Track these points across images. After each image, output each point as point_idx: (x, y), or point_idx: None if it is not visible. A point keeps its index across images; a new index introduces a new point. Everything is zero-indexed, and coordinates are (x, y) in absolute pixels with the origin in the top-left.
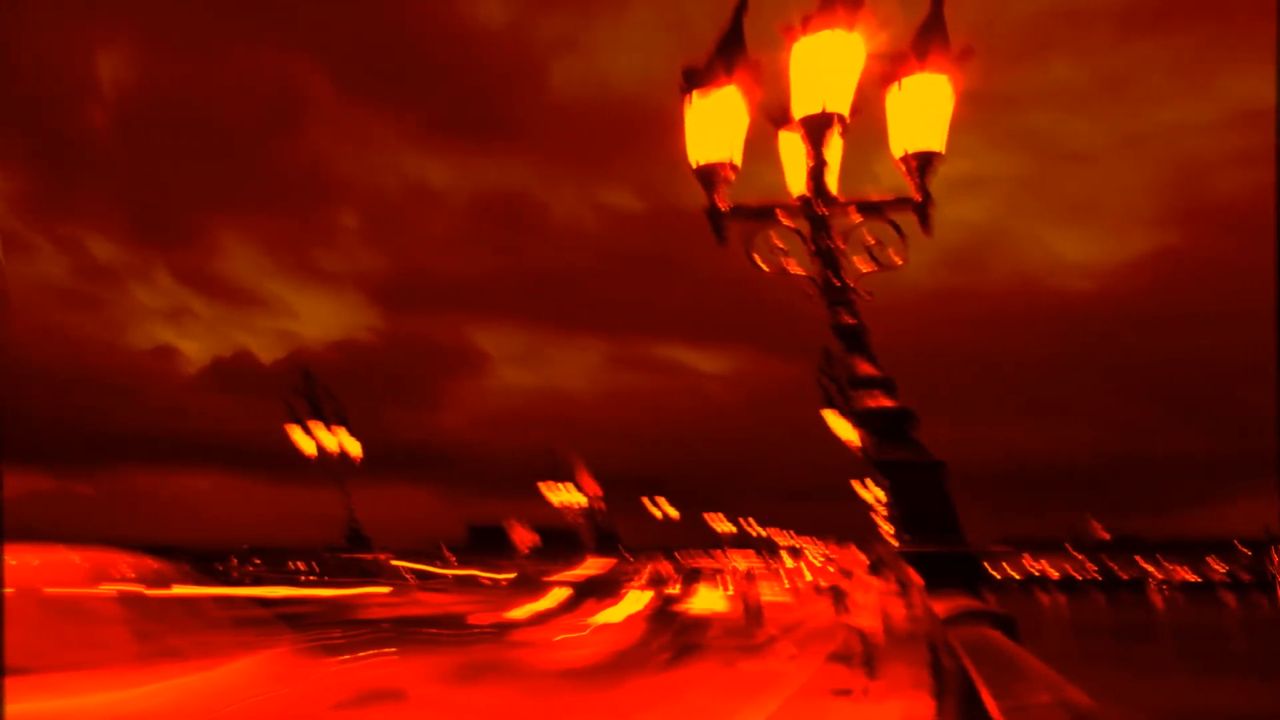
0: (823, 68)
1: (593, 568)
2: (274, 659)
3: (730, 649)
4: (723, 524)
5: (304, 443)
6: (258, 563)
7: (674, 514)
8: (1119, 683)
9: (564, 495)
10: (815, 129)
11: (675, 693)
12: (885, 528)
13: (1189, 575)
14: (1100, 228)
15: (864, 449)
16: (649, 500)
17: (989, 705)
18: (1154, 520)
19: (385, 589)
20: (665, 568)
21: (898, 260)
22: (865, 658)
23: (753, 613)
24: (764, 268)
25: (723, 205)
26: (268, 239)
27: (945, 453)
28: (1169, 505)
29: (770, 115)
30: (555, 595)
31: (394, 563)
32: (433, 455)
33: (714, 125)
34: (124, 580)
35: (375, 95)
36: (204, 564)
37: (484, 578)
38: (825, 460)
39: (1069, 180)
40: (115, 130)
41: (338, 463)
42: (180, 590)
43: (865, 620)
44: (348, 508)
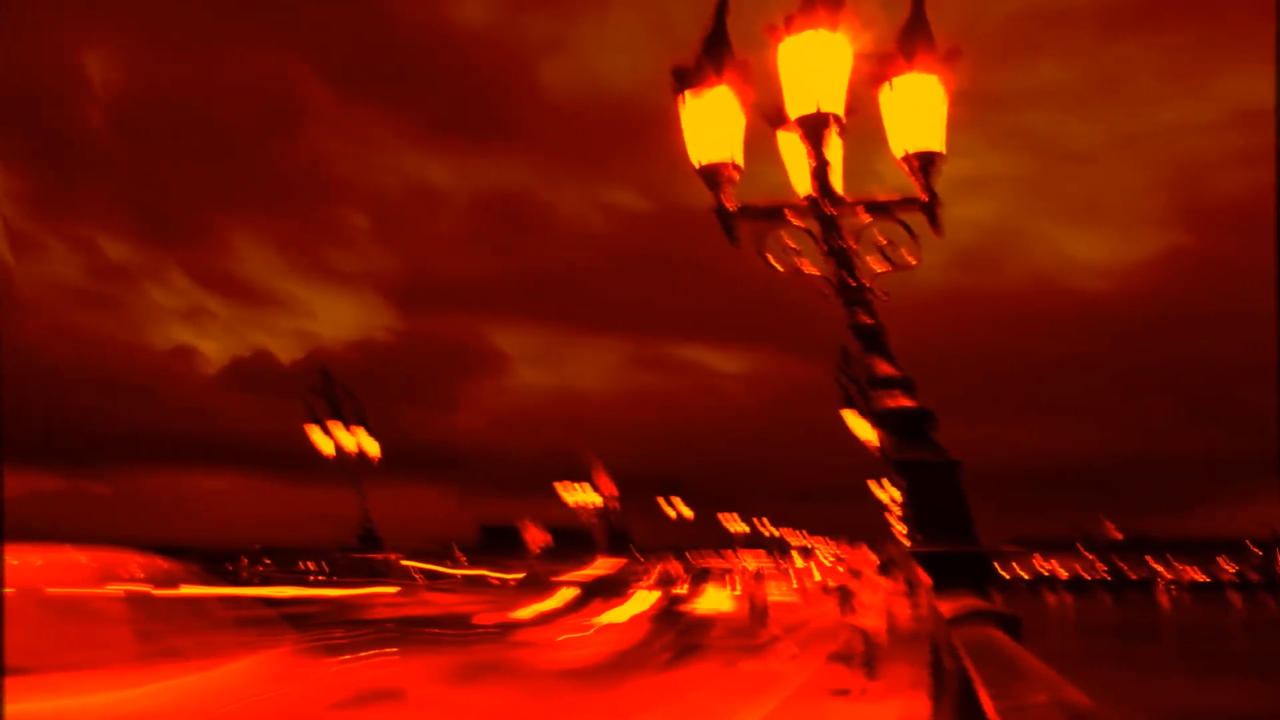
0: (812, 68)
1: (602, 568)
2: (274, 659)
3: (732, 649)
4: (736, 524)
5: (322, 443)
6: (268, 563)
7: (688, 514)
8: (1120, 682)
9: (580, 495)
10: (812, 129)
11: (674, 693)
12: (899, 528)
13: (1198, 575)
14: (1110, 228)
15: (882, 449)
16: (664, 500)
17: (986, 705)
18: (1168, 520)
19: (393, 589)
20: (675, 568)
21: (911, 260)
22: (866, 658)
23: (758, 613)
24: (778, 267)
25: (730, 205)
26: (280, 239)
27: (959, 453)
28: (1184, 505)
29: (765, 115)
30: (562, 595)
31: (404, 563)
32: (450, 455)
33: (711, 125)
34: (132, 580)
35: (370, 95)
36: (214, 564)
37: (493, 578)
38: (842, 460)
39: (1073, 180)
40: (116, 131)
41: (355, 463)
42: (188, 590)
43: (870, 620)
44: (362, 508)
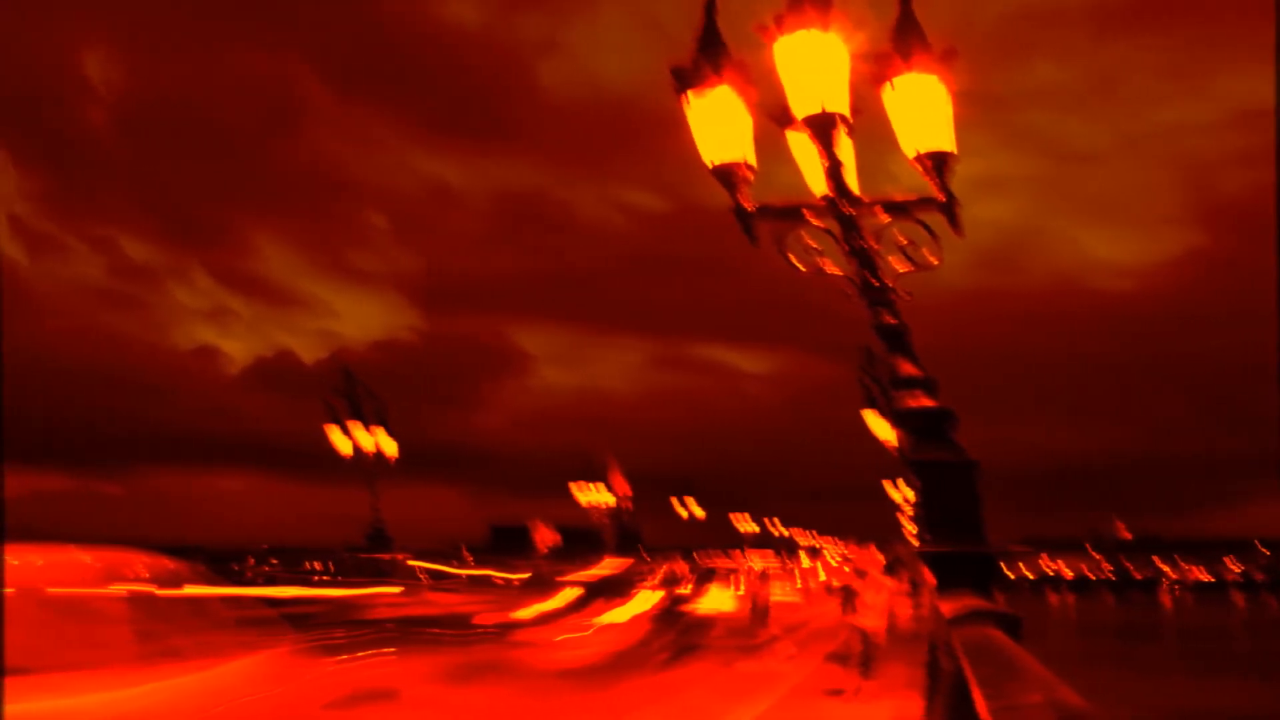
0: (811, 67)
1: (608, 568)
2: (271, 659)
3: (730, 649)
4: (747, 524)
5: (340, 443)
6: (274, 563)
7: (700, 514)
8: (1119, 682)
9: (593, 495)
10: (821, 129)
11: (669, 692)
12: (909, 528)
13: (1203, 576)
14: (1131, 227)
15: (900, 449)
16: (677, 500)
17: (979, 705)
18: (1181, 520)
19: (396, 589)
20: (680, 568)
21: (933, 260)
22: (863, 658)
23: (759, 613)
24: (800, 267)
25: (748, 205)
26: (302, 239)
27: (978, 453)
28: (1198, 504)
29: (772, 115)
30: (565, 595)
31: (410, 563)
32: (469, 455)
33: (718, 125)
34: (137, 580)
35: (369, 96)
36: (221, 564)
37: (497, 578)
38: (858, 460)
39: (1088, 180)
40: (120, 131)
41: (371, 463)
42: (191, 590)
43: (870, 620)
44: (374, 508)
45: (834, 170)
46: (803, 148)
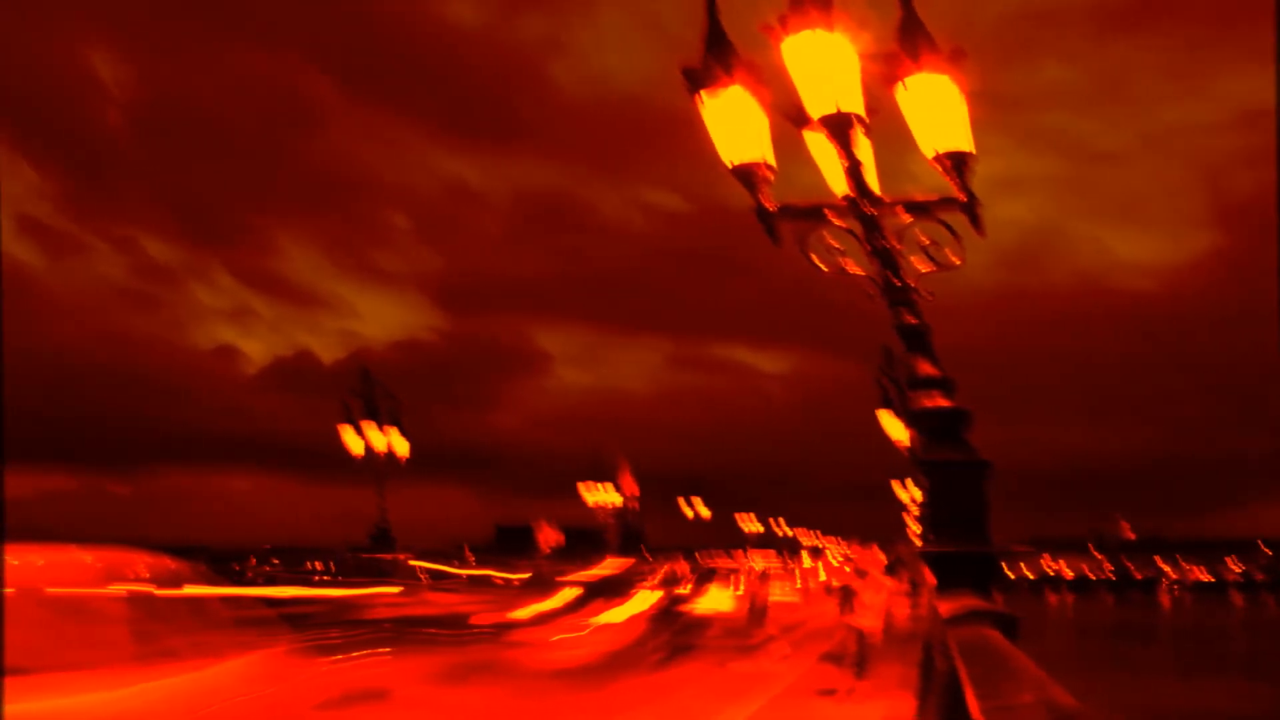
0: (821, 68)
1: (609, 568)
2: (265, 659)
3: (726, 649)
4: (752, 524)
5: (353, 442)
6: (275, 562)
7: (705, 514)
8: (1113, 683)
9: (601, 495)
10: (837, 129)
11: (662, 693)
12: (914, 528)
13: (1204, 576)
14: (1153, 227)
15: (911, 448)
16: (684, 500)
17: (971, 705)
18: (1189, 521)
19: (396, 589)
20: (681, 567)
21: (955, 260)
22: (857, 658)
23: (757, 613)
24: (822, 267)
25: (769, 205)
26: (324, 240)
27: (991, 453)
28: (1208, 506)
29: (787, 115)
30: (563, 595)
31: (412, 563)
32: (481, 455)
33: (734, 125)
34: (137, 580)
35: (388, 97)
36: (223, 564)
37: (497, 578)
38: (868, 461)
39: (1109, 180)
40: (135, 131)
41: (382, 463)
42: (190, 590)
43: (867, 620)
44: (380, 508)
45: (854, 170)
46: (821, 148)
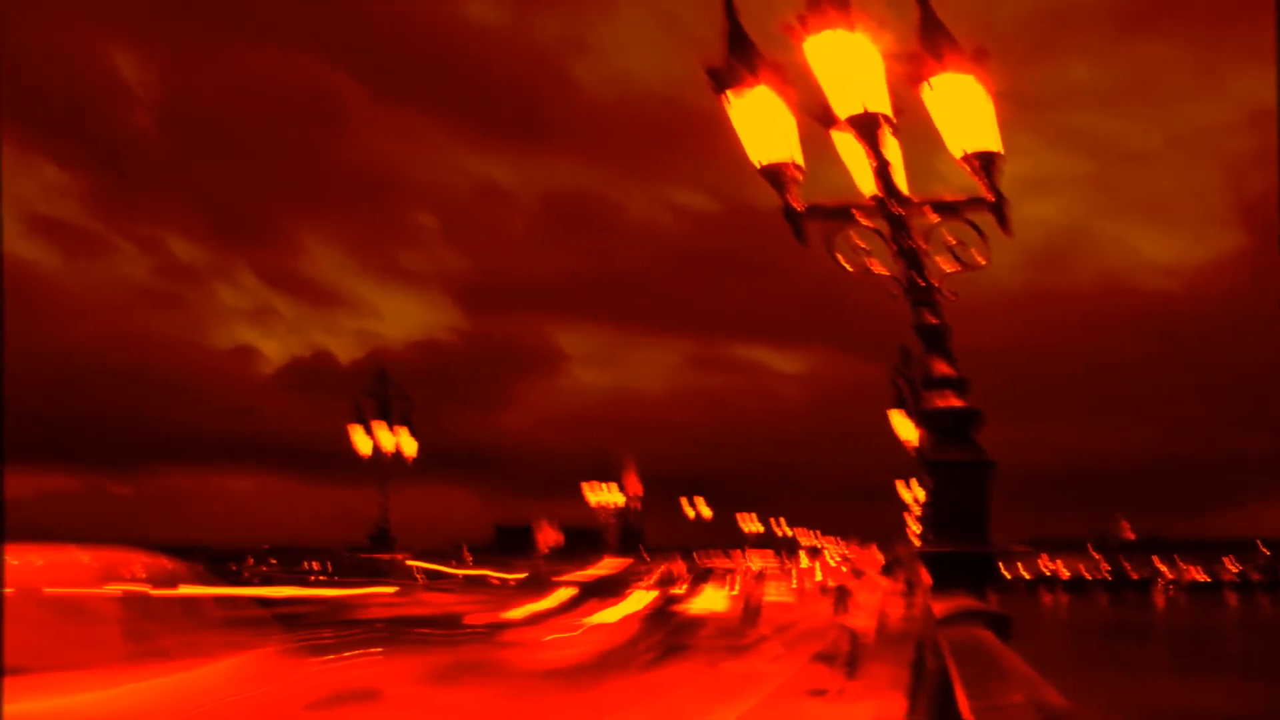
0: (846, 67)
1: (605, 568)
2: (256, 659)
3: (718, 649)
4: (752, 524)
5: (361, 442)
6: (273, 562)
7: (707, 514)
8: (1104, 682)
9: (603, 495)
10: (865, 129)
11: (652, 693)
12: (914, 528)
13: (1200, 575)
14: (1179, 227)
15: (919, 448)
16: (686, 500)
17: (962, 705)
18: (1190, 521)
19: (391, 589)
20: (678, 567)
21: (981, 260)
22: (849, 658)
23: (750, 612)
24: (848, 268)
25: (797, 205)
26: (348, 239)
27: (999, 453)
28: (1210, 506)
29: (814, 115)
30: (558, 595)
31: (409, 563)
32: (486, 455)
33: (761, 125)
34: (133, 580)
35: (414, 97)
36: (220, 564)
37: (493, 578)
38: (873, 461)
39: (1136, 180)
40: (171, 133)
41: (388, 463)
42: (185, 590)
43: (860, 620)
44: (382, 507)
45: (882, 170)
46: (849, 148)
